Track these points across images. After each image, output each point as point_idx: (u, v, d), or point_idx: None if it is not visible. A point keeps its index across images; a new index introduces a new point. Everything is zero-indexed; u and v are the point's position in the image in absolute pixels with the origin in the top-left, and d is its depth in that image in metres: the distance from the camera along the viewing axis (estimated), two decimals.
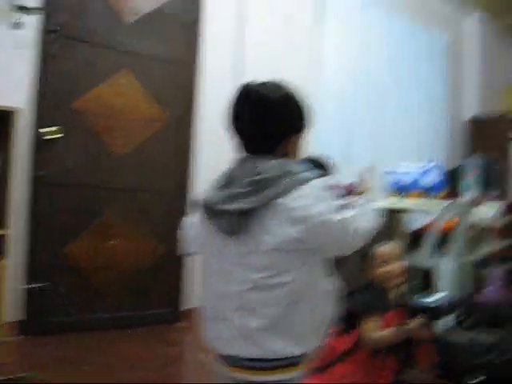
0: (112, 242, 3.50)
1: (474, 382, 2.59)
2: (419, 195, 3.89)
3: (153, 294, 3.68)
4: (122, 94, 3.54)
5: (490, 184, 5.81)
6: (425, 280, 4.44)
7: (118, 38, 3.53)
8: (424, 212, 4.50)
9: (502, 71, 6.97)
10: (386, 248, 2.49)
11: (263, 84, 1.51)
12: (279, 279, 1.38)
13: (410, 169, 3.98)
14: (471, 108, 6.47)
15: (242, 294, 1.40)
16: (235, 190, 1.42)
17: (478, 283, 4.84)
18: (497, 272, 3.94)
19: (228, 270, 1.43)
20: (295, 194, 1.37)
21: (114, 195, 3.53)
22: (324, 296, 1.47)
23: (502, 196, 5.81)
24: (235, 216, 1.39)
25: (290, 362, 1.41)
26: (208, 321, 1.49)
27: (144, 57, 3.64)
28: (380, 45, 5.15)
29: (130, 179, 3.59)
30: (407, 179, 3.94)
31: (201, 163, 3.93)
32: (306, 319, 1.41)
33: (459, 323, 3.72)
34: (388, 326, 2.31)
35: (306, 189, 1.39)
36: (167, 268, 3.74)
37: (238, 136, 1.51)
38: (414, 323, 2.30)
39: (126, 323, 3.48)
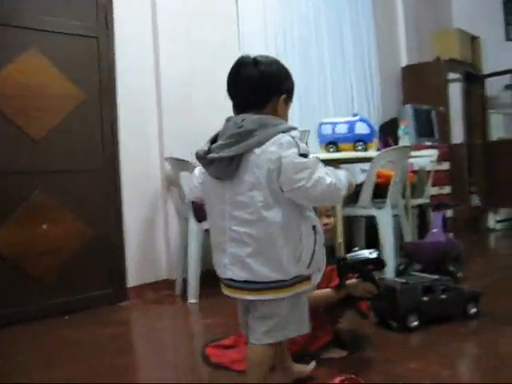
0: (41, 227, 3.35)
1: (413, 324, 2.64)
2: (351, 147, 3.89)
3: (90, 276, 3.56)
4: (32, 74, 3.34)
5: (426, 131, 5.89)
6: (367, 231, 4.49)
7: (24, 15, 3.34)
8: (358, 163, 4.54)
9: (430, 17, 7.01)
10: None
11: (255, 57, 1.76)
12: (258, 215, 1.64)
13: (340, 122, 3.97)
14: (403, 57, 6.51)
15: (232, 228, 1.68)
16: (222, 141, 1.69)
17: (419, 228, 4.93)
18: (438, 216, 3.99)
19: (223, 209, 1.71)
20: (271, 141, 1.63)
21: (38, 179, 3.36)
22: (301, 233, 1.68)
23: (440, 142, 5.91)
24: (222, 162, 1.66)
25: (274, 286, 1.66)
26: (214, 252, 1.78)
27: (54, 34, 3.45)
28: (301, 2, 5.07)
29: (53, 161, 3.42)
30: (338, 132, 3.94)
31: (126, 138, 3.80)
32: (284, 251, 1.64)
33: (403, 269, 3.78)
34: (327, 282, 2.29)
35: (280, 137, 1.63)
36: (103, 248, 3.63)
37: (232, 98, 1.79)
38: (350, 283, 2.30)
39: (63, 309, 3.36)
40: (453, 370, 2.17)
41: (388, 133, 5.49)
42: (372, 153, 3.91)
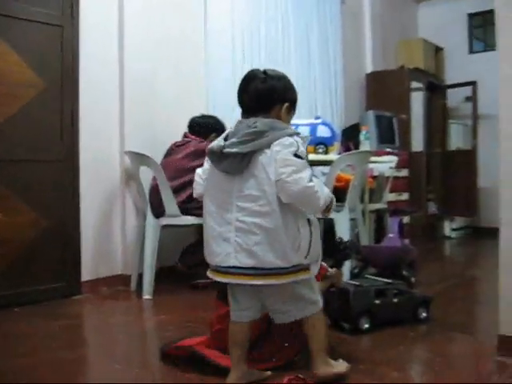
0: None
1: (365, 326, 2.67)
2: (312, 150, 3.92)
3: (43, 269, 3.48)
4: None
5: (387, 138, 5.98)
6: (325, 233, 4.51)
7: None
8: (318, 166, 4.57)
9: (397, 26, 7.12)
10: None
11: (264, 70, 2.04)
12: (270, 207, 1.86)
13: (302, 124, 3.99)
14: (368, 64, 6.60)
15: (240, 218, 1.88)
16: (236, 139, 1.90)
17: (376, 233, 4.99)
18: (394, 222, 4.04)
19: (230, 202, 1.91)
20: (277, 142, 1.87)
21: None
22: (298, 225, 1.90)
23: (400, 149, 6.00)
24: (236, 158, 1.88)
25: (277, 272, 1.88)
26: (211, 242, 1.94)
27: (17, 20, 3.35)
28: (271, 4, 5.07)
29: (9, 150, 3.33)
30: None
31: (86, 130, 3.74)
32: (288, 241, 1.87)
33: (358, 272, 3.83)
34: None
35: (285, 140, 1.88)
36: (58, 240, 3.56)
37: (243, 104, 2.02)
38: (332, 272, 2.40)
39: (13, 301, 3.28)
40: (401, 372, 2.20)
41: (350, 137, 5.54)
42: (332, 156, 3.94)
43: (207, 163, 2.07)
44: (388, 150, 5.65)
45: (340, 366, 2.08)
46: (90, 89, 3.75)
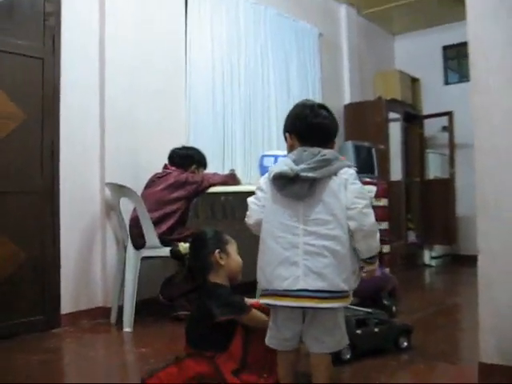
0: None
1: (346, 356, 2.67)
2: None
3: (21, 302, 3.43)
4: None
5: (366, 168, 6.04)
6: None
7: None
8: None
9: (374, 58, 7.27)
10: None
11: (323, 106, 2.20)
12: (337, 232, 1.94)
13: (282, 155, 4.01)
14: (347, 95, 6.71)
15: (309, 242, 1.94)
16: (306, 165, 1.99)
17: None
18: None
19: (297, 226, 1.97)
20: (343, 171, 2.01)
21: None
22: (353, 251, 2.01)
23: (379, 179, 6.06)
24: (306, 183, 1.96)
25: (342, 295, 1.95)
26: (275, 266, 1.98)
27: None
28: (250, 37, 5.15)
29: None
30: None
31: (67, 161, 3.73)
32: (350, 266, 1.96)
33: None
34: None
35: (348, 169, 2.03)
36: (37, 272, 3.52)
37: (305, 135, 2.13)
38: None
39: None
40: None
41: None
42: None
43: (260, 191, 2.15)
44: (367, 179, 5.70)
45: None
46: (70, 120, 3.76)
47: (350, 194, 1.98)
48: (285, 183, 2.01)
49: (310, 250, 1.94)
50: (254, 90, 5.14)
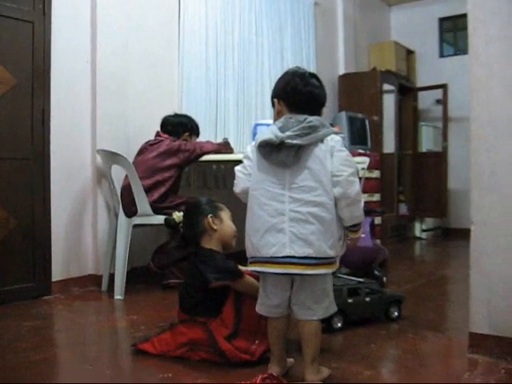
0: None
1: (337, 325, 2.69)
2: None
3: (11, 269, 3.40)
4: None
5: (359, 139, 6.02)
6: None
7: None
8: None
9: (369, 29, 7.20)
10: None
11: (314, 75, 2.17)
12: (323, 198, 1.94)
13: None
14: (341, 65, 6.65)
15: (295, 209, 1.94)
16: (292, 132, 1.97)
17: None
18: (366, 222, 4.07)
19: (282, 193, 1.97)
20: (329, 138, 1.99)
21: None
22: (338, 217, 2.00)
23: (372, 150, 6.05)
24: (292, 150, 1.95)
25: (328, 261, 1.97)
26: (262, 234, 1.98)
27: None
28: (244, 4, 5.07)
29: None
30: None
31: (58, 127, 3.68)
32: (336, 232, 1.97)
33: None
34: None
35: (335, 137, 2.01)
36: (27, 239, 3.50)
37: (294, 102, 2.09)
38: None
39: None
40: (373, 370, 2.21)
41: None
42: None
43: (247, 159, 2.13)
44: (360, 151, 5.70)
45: (325, 372, 2.09)
46: (61, 86, 3.70)
47: (336, 161, 1.96)
48: (270, 151, 2.00)
49: (296, 216, 1.94)
50: (248, 58, 5.09)
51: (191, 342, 2.27)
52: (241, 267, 2.35)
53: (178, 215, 2.71)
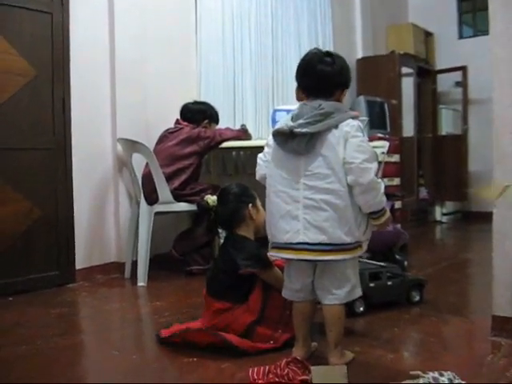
0: None
1: (360, 309, 2.70)
2: None
3: (36, 257, 3.46)
4: None
5: (379, 123, 5.98)
6: None
7: None
8: None
9: (387, 11, 7.10)
10: None
11: (329, 53, 2.08)
12: (335, 186, 1.93)
13: (293, 109, 3.97)
14: (359, 49, 6.58)
15: (309, 196, 1.95)
16: (304, 120, 1.96)
17: None
18: (387, 206, 4.05)
19: (297, 181, 1.98)
20: (344, 123, 1.96)
21: None
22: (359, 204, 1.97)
23: (391, 134, 6.01)
24: (304, 138, 1.94)
25: (345, 248, 1.95)
26: (278, 220, 2.02)
27: (6, 6, 3.31)
28: None
29: (1, 138, 3.31)
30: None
31: (78, 117, 3.71)
32: (352, 217, 1.95)
33: None
34: None
35: (351, 121, 1.97)
36: (51, 228, 3.55)
37: (307, 86, 2.08)
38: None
39: (8, 290, 3.27)
40: (396, 353, 2.22)
41: None
42: None
43: (267, 147, 2.15)
44: (380, 135, 5.66)
45: (348, 356, 2.11)
46: (80, 76, 3.72)
47: (349, 147, 1.94)
48: (285, 139, 2.00)
49: (309, 204, 1.95)
50: (265, 42, 5.07)
51: (214, 326, 2.29)
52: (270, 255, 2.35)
53: (212, 199, 2.72)
